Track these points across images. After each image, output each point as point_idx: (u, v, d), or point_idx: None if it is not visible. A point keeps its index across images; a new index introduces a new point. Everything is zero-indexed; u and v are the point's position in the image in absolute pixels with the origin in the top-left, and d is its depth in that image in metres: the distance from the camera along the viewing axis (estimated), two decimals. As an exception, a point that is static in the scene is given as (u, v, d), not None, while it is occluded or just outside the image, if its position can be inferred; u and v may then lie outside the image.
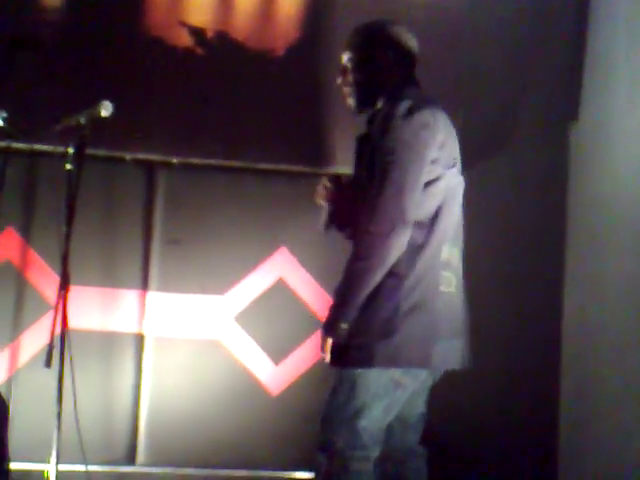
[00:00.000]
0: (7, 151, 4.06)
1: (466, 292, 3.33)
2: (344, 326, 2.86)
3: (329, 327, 2.86)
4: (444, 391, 4.43)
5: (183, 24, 4.50)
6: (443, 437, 4.51)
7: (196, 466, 3.84)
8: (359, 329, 2.90)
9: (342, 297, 2.88)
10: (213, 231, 4.39)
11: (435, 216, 2.94)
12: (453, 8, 4.63)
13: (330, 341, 2.88)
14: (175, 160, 4.53)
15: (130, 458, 4.40)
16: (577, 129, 4.67)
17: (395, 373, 2.89)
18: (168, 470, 4.32)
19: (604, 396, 4.22)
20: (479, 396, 4.57)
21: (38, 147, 4.31)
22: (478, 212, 4.63)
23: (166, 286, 4.42)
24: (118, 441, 4.40)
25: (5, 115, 3.98)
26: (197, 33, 4.51)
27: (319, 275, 4.63)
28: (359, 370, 2.89)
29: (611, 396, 4.16)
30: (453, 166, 3.04)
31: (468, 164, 4.57)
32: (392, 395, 2.92)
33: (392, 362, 2.91)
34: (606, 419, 4.18)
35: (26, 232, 4.46)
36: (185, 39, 4.53)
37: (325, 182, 3.12)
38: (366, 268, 2.85)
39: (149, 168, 4.49)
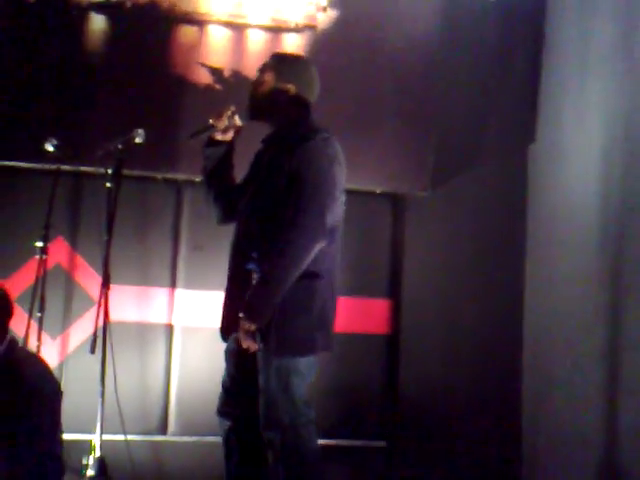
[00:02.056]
0: (57, 172, 4.01)
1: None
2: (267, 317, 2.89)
3: (256, 315, 2.88)
4: (426, 367, 4.52)
5: (203, 65, 4.50)
6: (422, 404, 4.54)
7: (218, 435, 3.83)
8: (293, 322, 2.94)
9: (270, 291, 2.89)
10: (229, 238, 4.43)
11: (334, 229, 2.98)
12: (428, 46, 4.58)
13: (253, 328, 2.88)
14: (198, 179, 4.53)
15: (162, 428, 4.39)
16: (534, 149, 4.73)
17: (312, 357, 3.01)
18: (195, 439, 4.31)
19: (558, 370, 4.26)
20: (454, 369, 4.57)
21: (83, 169, 4.29)
22: (450, 221, 4.70)
23: (191, 284, 4.41)
24: (152, 414, 4.38)
25: (56, 142, 4.01)
26: (215, 72, 4.50)
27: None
28: (296, 357, 2.96)
29: (563, 370, 4.20)
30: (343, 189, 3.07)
31: (442, 181, 4.64)
32: (312, 372, 3.02)
33: (314, 349, 3.01)
34: (560, 389, 4.22)
35: (73, 240, 4.44)
36: (205, 77, 4.51)
37: (229, 112, 3.13)
38: (292, 268, 2.88)
39: (177, 186, 4.47)
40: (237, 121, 3.15)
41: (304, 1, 4.60)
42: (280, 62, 3.19)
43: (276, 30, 4.59)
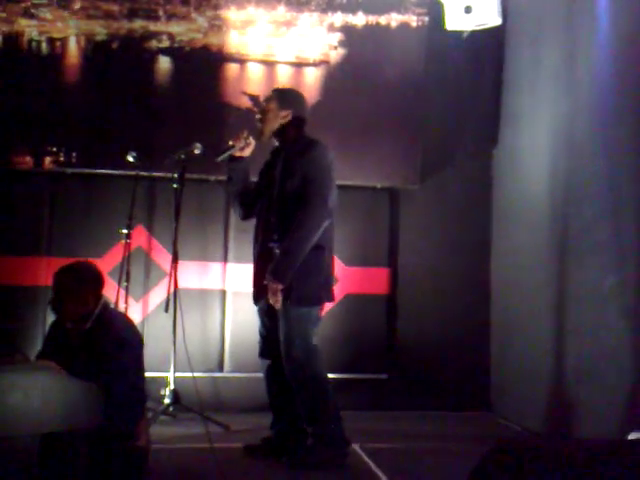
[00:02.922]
0: (137, 177, 4.05)
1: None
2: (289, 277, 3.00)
3: (282, 277, 2.99)
4: (418, 317, 4.54)
5: (244, 93, 4.52)
6: (415, 345, 4.56)
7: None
8: (307, 282, 3.07)
9: (291, 259, 3.01)
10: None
11: (332, 212, 3.16)
12: (415, 72, 4.57)
13: (281, 287, 2.99)
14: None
15: (220, 367, 4.39)
16: (497, 151, 4.72)
17: (319, 309, 3.16)
18: (245, 375, 4.29)
19: (518, 319, 4.27)
20: (439, 319, 4.57)
21: (156, 174, 4.28)
22: (435, 208, 4.70)
23: (239, 259, 4.38)
24: (212, 356, 4.38)
25: (135, 154, 4.06)
26: (252, 98, 4.50)
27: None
28: (308, 308, 3.07)
29: (522, 319, 4.21)
30: None
31: (428, 177, 4.65)
32: (319, 321, 3.17)
33: (322, 300, 3.16)
34: (520, 334, 4.24)
35: (150, 227, 4.44)
36: (245, 102, 4.50)
37: (244, 135, 3.24)
38: (307, 241, 3.05)
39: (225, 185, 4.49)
40: (251, 140, 3.27)
41: (320, 42, 4.57)
42: (279, 93, 3.34)
43: (298, 65, 4.59)
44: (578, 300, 3.60)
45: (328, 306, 4.50)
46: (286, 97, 3.33)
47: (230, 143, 3.27)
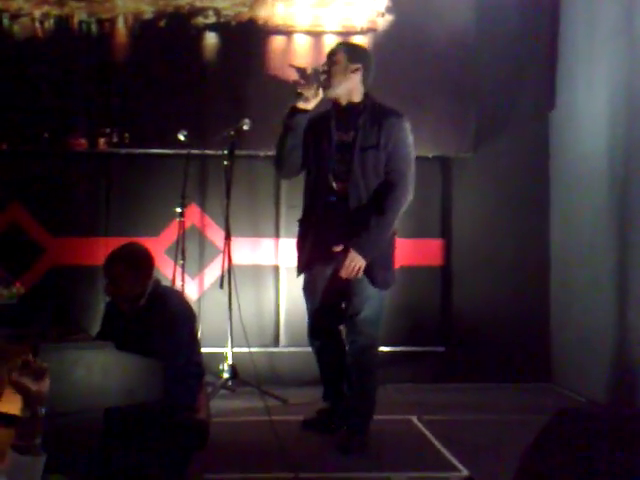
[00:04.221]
0: (188, 156, 4.09)
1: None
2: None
3: (368, 253, 2.86)
4: (473, 288, 4.48)
5: (291, 65, 4.47)
6: (472, 317, 4.50)
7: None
8: (392, 264, 3.01)
9: (382, 235, 2.90)
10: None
11: None
12: (465, 35, 4.44)
13: (363, 264, 2.85)
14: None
15: (275, 342, 4.42)
16: (554, 114, 4.58)
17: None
18: (299, 349, 4.23)
19: (578, 285, 4.18)
20: (496, 289, 4.49)
21: (207, 151, 4.30)
22: (489, 176, 4.60)
23: (290, 234, 4.25)
24: (267, 331, 4.40)
25: (186, 133, 4.09)
26: (300, 71, 4.45)
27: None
28: (385, 290, 3.01)
29: (583, 285, 4.12)
30: None
31: (482, 145, 4.55)
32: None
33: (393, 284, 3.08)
34: (580, 300, 4.15)
35: (203, 205, 4.46)
36: (293, 75, 4.45)
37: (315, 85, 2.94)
38: (397, 218, 2.94)
39: None
40: (320, 93, 3.00)
41: (366, 9, 4.50)
42: (348, 46, 3.15)
43: (346, 34, 4.51)
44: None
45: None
46: (356, 50, 3.12)
47: (298, 91, 2.99)
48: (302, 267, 3.12)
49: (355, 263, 2.86)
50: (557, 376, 4.38)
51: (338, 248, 2.92)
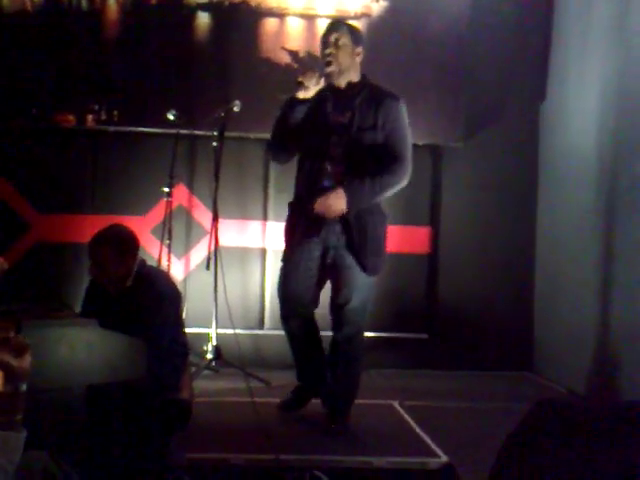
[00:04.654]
0: (177, 135, 4.05)
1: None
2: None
3: (354, 199, 2.79)
4: (459, 277, 4.50)
5: (284, 48, 4.45)
6: (456, 305, 4.52)
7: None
8: (383, 251, 2.97)
9: (370, 192, 2.85)
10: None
11: None
12: (458, 25, 4.45)
13: (345, 207, 2.78)
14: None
15: (260, 324, 4.42)
16: (544, 106, 4.58)
17: None
18: (284, 332, 4.31)
19: (563, 278, 4.20)
20: (481, 278, 4.51)
21: (196, 132, 4.27)
22: (477, 166, 4.61)
23: (278, 217, 4.28)
24: (252, 313, 4.40)
25: (175, 112, 4.05)
26: (292, 54, 4.44)
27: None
28: (374, 278, 2.96)
29: (567, 279, 4.14)
30: None
31: (472, 134, 4.54)
32: None
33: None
34: (565, 293, 4.17)
35: (190, 185, 4.44)
36: (285, 58, 4.45)
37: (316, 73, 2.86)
38: (391, 188, 2.92)
39: (264, 143, 4.36)
40: (321, 81, 2.90)
41: (361, -6, 4.50)
42: (350, 27, 3.01)
43: (339, 18, 4.50)
44: (626, 259, 3.52)
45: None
46: (356, 32, 3.01)
47: (299, 80, 2.86)
48: (288, 253, 3.02)
49: (337, 202, 2.78)
50: (538, 366, 4.42)
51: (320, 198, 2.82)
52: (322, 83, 2.90)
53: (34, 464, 1.80)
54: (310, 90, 2.86)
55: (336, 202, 2.78)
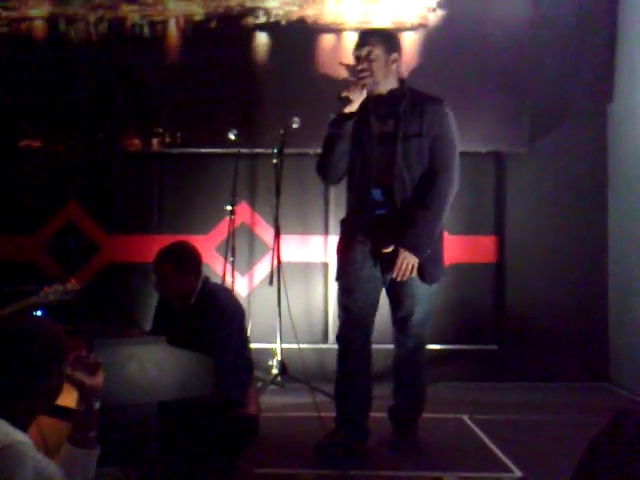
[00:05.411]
0: (238, 154, 4.14)
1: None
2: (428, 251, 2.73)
3: (423, 250, 2.70)
4: (527, 286, 4.38)
5: (341, 63, 4.46)
6: (525, 315, 4.40)
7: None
8: (441, 257, 2.86)
9: (432, 229, 2.75)
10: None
11: None
12: (520, 29, 4.37)
13: (417, 261, 2.69)
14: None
15: (324, 338, 4.41)
16: (612, 108, 4.45)
17: None
18: None
19: (637, 283, 4.04)
20: (551, 287, 4.40)
21: (256, 150, 4.35)
22: (544, 171, 4.50)
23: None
24: (316, 328, 4.41)
25: (236, 132, 4.14)
26: (350, 68, 4.45)
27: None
28: (435, 288, 2.83)
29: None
30: None
31: (537, 139, 4.45)
32: None
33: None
34: None
35: (252, 203, 4.51)
36: (343, 73, 4.45)
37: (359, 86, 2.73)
38: (447, 209, 2.77)
39: None
40: (364, 93, 2.79)
41: (417, 4, 4.46)
42: (381, 35, 2.89)
43: (396, 30, 4.50)
44: None
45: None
46: (390, 39, 2.87)
47: (343, 95, 2.74)
48: (343, 271, 2.88)
49: (407, 262, 2.69)
50: (614, 376, 4.26)
51: (387, 249, 2.75)
52: (364, 94, 2.79)
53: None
54: (355, 104, 2.76)
55: (407, 264, 2.70)
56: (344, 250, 2.89)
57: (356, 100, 2.75)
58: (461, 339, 4.37)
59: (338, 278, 2.92)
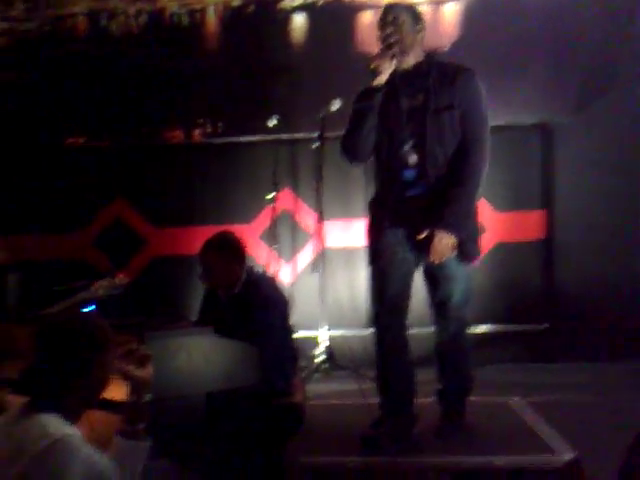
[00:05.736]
0: (279, 141, 4.18)
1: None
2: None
3: (460, 229, 2.62)
4: (577, 262, 4.29)
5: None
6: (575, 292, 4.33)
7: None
8: (476, 234, 2.75)
9: (468, 207, 2.68)
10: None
11: None
12: None
13: (456, 241, 2.62)
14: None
15: (370, 324, 4.40)
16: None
17: None
18: None
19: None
20: (602, 263, 4.31)
21: (296, 135, 4.37)
22: (591, 142, 4.37)
23: None
24: (361, 313, 4.15)
25: (276, 118, 4.16)
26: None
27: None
28: (471, 267, 2.75)
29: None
30: None
31: (581, 110, 4.32)
32: None
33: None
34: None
35: (295, 189, 4.51)
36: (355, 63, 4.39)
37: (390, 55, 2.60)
38: (480, 184, 2.67)
39: None
40: (393, 64, 2.66)
41: (457, -26, 4.39)
42: (405, 6, 2.79)
43: (436, 3, 4.42)
44: None
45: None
46: (414, 9, 2.77)
47: (373, 66, 2.62)
48: (376, 255, 2.80)
49: (445, 243, 2.61)
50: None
51: (422, 235, 2.66)
52: (393, 65, 2.65)
53: (158, 472, 1.93)
54: (384, 75, 2.63)
55: (444, 245, 2.63)
56: (375, 234, 2.82)
57: (385, 71, 2.64)
58: (511, 319, 4.31)
59: (371, 263, 2.85)
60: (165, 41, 4.61)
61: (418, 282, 2.86)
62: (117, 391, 1.86)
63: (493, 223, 4.32)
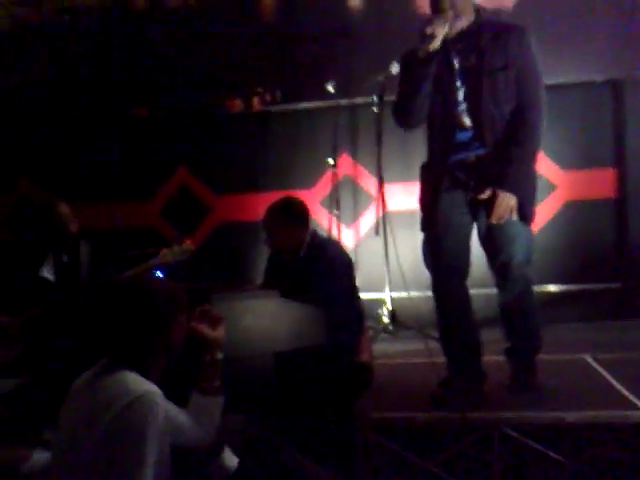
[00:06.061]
0: (337, 106, 4.17)
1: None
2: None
3: (520, 188, 2.61)
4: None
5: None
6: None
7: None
8: (534, 194, 2.72)
9: (527, 166, 2.66)
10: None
11: None
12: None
13: (516, 203, 2.60)
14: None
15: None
16: None
17: None
18: None
19: None
20: None
21: (355, 101, 4.36)
22: None
23: None
24: (424, 275, 4.06)
25: (334, 83, 4.15)
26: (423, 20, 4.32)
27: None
28: (530, 225, 2.71)
29: None
30: None
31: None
32: None
33: None
34: None
35: (355, 154, 4.53)
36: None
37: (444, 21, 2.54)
38: (539, 144, 2.67)
39: None
40: (446, 27, 2.58)
41: None
42: None
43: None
44: None
45: (548, 216, 4.29)
46: None
47: (429, 32, 2.54)
48: (431, 220, 2.76)
49: (506, 203, 2.60)
50: None
51: (484, 195, 2.64)
52: (447, 28, 2.59)
53: (234, 426, 2.00)
54: (438, 39, 2.57)
55: (505, 205, 2.62)
56: (430, 198, 2.78)
57: (439, 35, 2.58)
58: (582, 278, 4.22)
59: (425, 229, 2.83)
60: (223, 13, 4.66)
61: (475, 244, 2.83)
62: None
63: (562, 182, 4.25)
